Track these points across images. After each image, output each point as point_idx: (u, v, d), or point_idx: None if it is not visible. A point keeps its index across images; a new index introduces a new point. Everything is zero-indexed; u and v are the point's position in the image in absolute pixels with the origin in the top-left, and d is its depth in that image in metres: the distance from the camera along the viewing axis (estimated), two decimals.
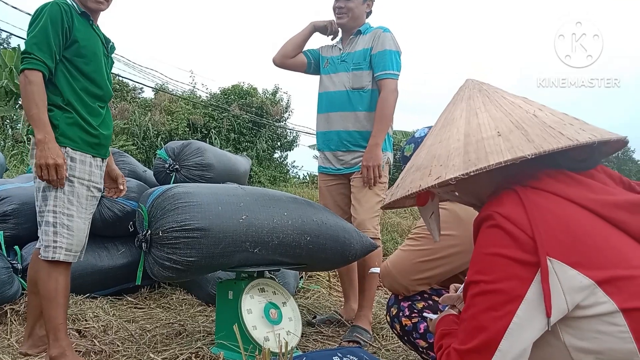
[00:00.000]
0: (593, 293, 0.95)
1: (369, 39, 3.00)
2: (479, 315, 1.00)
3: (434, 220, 1.36)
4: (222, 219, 2.17)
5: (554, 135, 1.01)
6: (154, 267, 2.17)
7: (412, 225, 6.00)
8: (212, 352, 2.31)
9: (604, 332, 0.94)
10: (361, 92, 2.96)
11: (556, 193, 1.03)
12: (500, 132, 1.03)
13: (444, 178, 1.02)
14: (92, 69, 2.25)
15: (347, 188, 3.05)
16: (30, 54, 2.10)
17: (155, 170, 3.88)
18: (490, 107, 1.11)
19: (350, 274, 3.15)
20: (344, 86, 3.00)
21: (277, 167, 20.98)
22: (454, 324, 1.21)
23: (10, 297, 2.76)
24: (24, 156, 10.80)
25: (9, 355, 2.22)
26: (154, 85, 20.56)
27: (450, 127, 1.13)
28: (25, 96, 2.09)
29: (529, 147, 0.99)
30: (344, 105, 2.99)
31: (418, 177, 1.10)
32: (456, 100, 1.19)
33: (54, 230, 2.13)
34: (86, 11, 2.27)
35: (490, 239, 1.02)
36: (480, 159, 1.00)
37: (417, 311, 1.91)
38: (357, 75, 2.98)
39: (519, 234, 0.98)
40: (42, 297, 2.14)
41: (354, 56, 3.01)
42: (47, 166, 2.06)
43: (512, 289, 0.97)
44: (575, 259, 0.96)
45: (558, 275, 0.95)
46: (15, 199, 3.15)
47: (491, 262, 1.00)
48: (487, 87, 1.18)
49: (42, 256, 2.14)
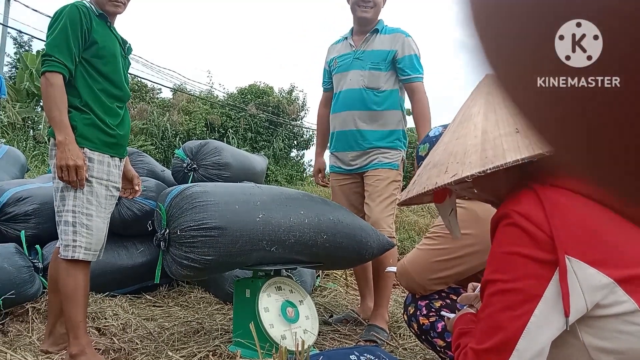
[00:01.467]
0: (613, 292, 0.93)
1: (390, 41, 2.95)
2: (496, 314, 0.99)
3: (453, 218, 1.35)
4: (239, 218, 2.18)
5: None
6: (172, 266, 2.19)
7: (430, 223, 5.97)
8: (229, 350, 2.32)
9: (624, 332, 0.93)
10: (376, 92, 2.92)
11: (575, 190, 1.01)
12: (519, 129, 1.01)
13: (460, 175, 1.01)
14: (110, 70, 2.28)
15: (361, 187, 3.01)
16: (51, 57, 2.12)
17: (173, 170, 3.92)
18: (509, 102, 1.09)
19: (366, 273, 3.14)
20: (358, 84, 2.95)
21: (293, 166, 21.04)
22: (472, 323, 1.20)
23: (31, 296, 2.81)
24: (45, 157, 10.97)
25: (31, 353, 2.26)
26: (172, 85, 20.77)
27: (467, 123, 1.11)
28: (47, 98, 2.12)
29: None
30: (357, 103, 2.94)
31: (434, 174, 1.09)
32: (475, 96, 1.17)
33: (74, 230, 2.16)
34: (104, 13, 2.29)
35: (507, 238, 1.01)
36: (497, 156, 0.99)
37: (435, 310, 1.89)
38: (374, 75, 2.93)
39: (536, 232, 0.97)
40: (62, 296, 2.17)
41: (371, 55, 2.96)
42: (68, 167, 2.09)
43: (530, 288, 0.96)
44: (594, 257, 0.94)
45: (577, 274, 0.94)
46: (36, 198, 3.20)
47: (509, 261, 0.99)
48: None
49: (62, 255, 2.16)
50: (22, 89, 15.33)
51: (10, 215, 3.12)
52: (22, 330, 2.59)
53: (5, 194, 3.17)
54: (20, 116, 13.73)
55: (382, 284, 2.89)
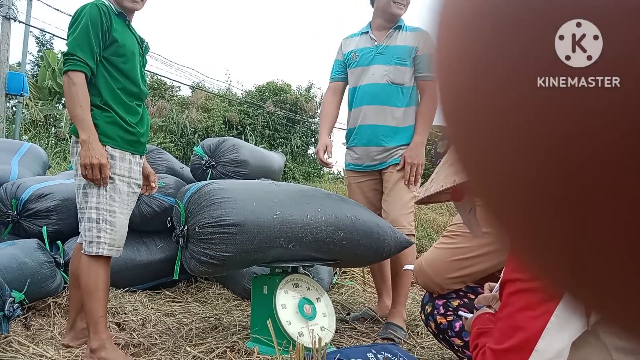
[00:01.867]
0: None
1: (413, 37, 2.93)
2: (515, 314, 0.98)
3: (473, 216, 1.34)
4: (257, 215, 2.19)
5: None
6: (190, 262, 2.20)
7: (448, 221, 5.93)
8: (247, 346, 2.33)
9: None
10: (401, 87, 2.90)
11: None
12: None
13: None
14: (129, 68, 2.30)
15: (379, 184, 2.99)
16: (73, 56, 2.15)
17: (192, 167, 3.95)
18: None
19: (383, 271, 3.13)
20: (382, 79, 2.91)
21: (311, 163, 21.05)
22: (490, 322, 1.19)
23: (53, 291, 2.85)
24: (66, 153, 11.13)
25: (52, 347, 2.30)
26: (191, 83, 20.91)
27: None
28: (70, 97, 2.15)
29: None
30: (382, 98, 2.90)
31: (452, 172, 1.08)
32: None
33: (97, 227, 2.19)
34: (122, 11, 2.31)
35: None
36: None
37: (452, 309, 1.88)
38: (400, 70, 2.90)
39: None
40: (83, 291, 2.20)
41: (395, 50, 2.93)
42: (92, 166, 2.12)
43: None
44: None
45: None
46: (57, 195, 3.25)
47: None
48: None
49: (86, 251, 2.19)
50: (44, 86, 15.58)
51: (32, 211, 3.17)
52: (44, 325, 2.64)
53: (27, 190, 3.22)
54: (42, 114, 13.96)
55: (400, 282, 2.88)
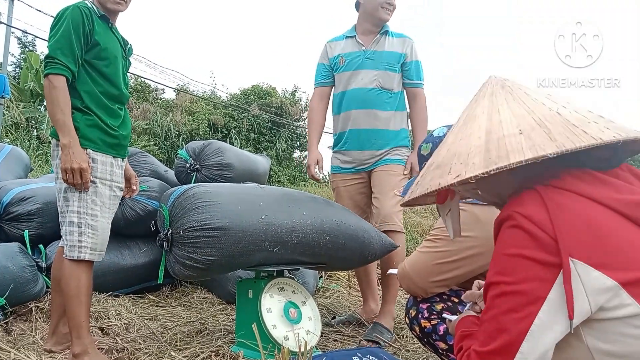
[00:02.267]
0: (617, 295, 0.92)
1: (399, 44, 3.00)
2: (499, 316, 0.99)
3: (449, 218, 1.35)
4: (242, 219, 2.18)
5: (577, 133, 0.98)
6: (175, 266, 2.19)
7: (433, 225, 5.95)
8: (232, 350, 2.32)
9: (628, 335, 0.92)
10: (389, 92, 2.95)
11: (579, 192, 1.01)
12: (522, 130, 1.01)
13: (464, 176, 1.00)
14: (111, 72, 2.28)
15: (367, 186, 3.01)
16: (54, 59, 2.12)
17: (176, 170, 3.92)
18: (512, 104, 1.09)
19: (368, 275, 3.13)
20: (372, 83, 2.94)
21: (296, 167, 21.06)
22: (474, 325, 1.20)
23: (35, 295, 2.82)
24: (49, 156, 11.00)
25: (34, 352, 2.26)
26: (175, 86, 20.80)
27: (471, 124, 1.11)
28: (50, 101, 2.12)
29: (551, 145, 0.96)
30: (371, 103, 2.93)
31: (438, 175, 1.09)
32: (478, 97, 1.17)
33: (79, 231, 2.17)
34: (105, 13, 2.29)
35: (511, 240, 1.01)
36: (501, 158, 0.98)
37: (437, 313, 1.89)
38: (389, 75, 2.95)
39: (540, 234, 0.96)
40: (65, 296, 2.18)
41: (383, 55, 2.96)
42: (72, 170, 2.10)
43: (534, 291, 0.96)
44: (598, 259, 0.94)
45: (581, 277, 0.93)
46: (39, 198, 3.21)
47: (512, 263, 0.99)
48: (510, 84, 1.15)
49: (68, 256, 2.17)
50: (26, 88, 15.38)
51: (14, 214, 3.13)
52: (26, 330, 2.60)
53: (8, 193, 3.19)
54: (24, 116, 13.77)
55: (389, 282, 2.89)
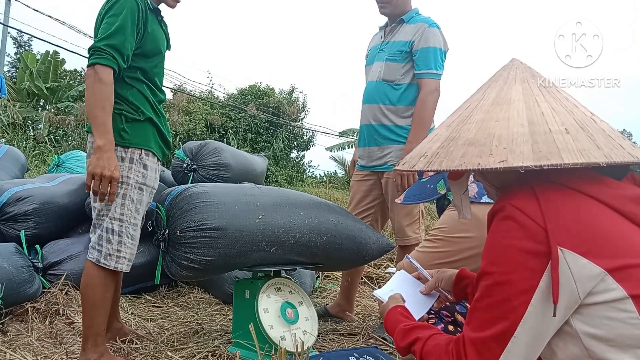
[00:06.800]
0: (603, 280, 0.95)
1: (411, 31, 2.75)
2: (494, 305, 1.02)
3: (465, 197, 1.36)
4: (239, 219, 2.18)
5: (615, 146, 0.99)
6: (171, 266, 2.19)
7: (431, 225, 5.96)
8: (229, 351, 2.32)
9: (614, 319, 0.95)
10: (393, 85, 2.77)
11: (570, 186, 1.04)
12: (568, 130, 1.00)
13: (511, 164, 0.97)
14: (157, 71, 2.15)
15: (378, 186, 2.90)
16: (104, 49, 1.90)
17: (173, 170, 3.92)
18: (548, 97, 1.07)
19: (356, 275, 3.10)
20: (376, 77, 2.83)
21: (293, 167, 21.05)
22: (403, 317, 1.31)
23: (31, 296, 2.80)
24: (45, 156, 10.98)
25: (30, 353, 2.25)
26: (172, 85, 20.75)
27: (507, 107, 1.06)
28: (92, 94, 1.88)
29: (599, 154, 0.97)
30: (375, 97, 2.82)
31: (474, 154, 1.03)
32: (507, 79, 1.12)
33: (119, 240, 2.03)
34: (157, 6, 2.15)
35: (503, 231, 1.03)
36: (552, 154, 0.97)
37: (434, 312, 1.89)
38: (390, 66, 2.78)
39: (531, 224, 0.99)
40: (91, 304, 2.05)
41: (392, 46, 2.80)
42: (102, 177, 1.88)
43: (526, 280, 0.98)
44: (586, 248, 0.96)
45: (569, 265, 0.96)
46: (36, 198, 3.20)
47: (504, 253, 1.01)
48: (537, 74, 1.13)
49: (103, 264, 2.02)
50: (22, 88, 15.36)
51: (10, 214, 3.12)
52: (22, 330, 2.59)
53: (5, 193, 3.17)
54: (20, 116, 13.75)
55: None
